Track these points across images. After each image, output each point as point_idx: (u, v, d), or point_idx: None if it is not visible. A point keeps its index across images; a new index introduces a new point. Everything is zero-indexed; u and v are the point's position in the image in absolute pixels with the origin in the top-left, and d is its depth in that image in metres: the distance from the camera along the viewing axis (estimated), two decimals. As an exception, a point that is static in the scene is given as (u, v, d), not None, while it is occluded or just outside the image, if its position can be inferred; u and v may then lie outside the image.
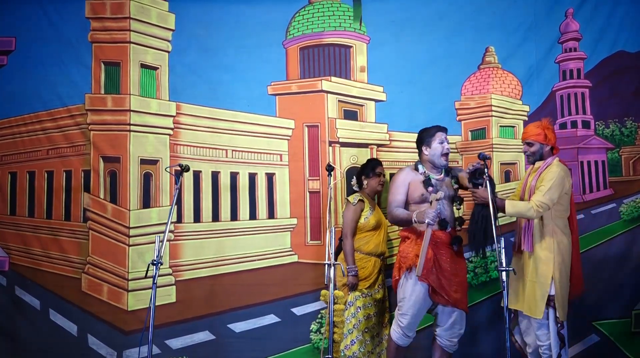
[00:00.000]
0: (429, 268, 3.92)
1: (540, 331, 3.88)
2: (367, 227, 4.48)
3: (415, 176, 4.13)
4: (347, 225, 4.46)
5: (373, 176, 4.57)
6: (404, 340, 4.06)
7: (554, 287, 3.85)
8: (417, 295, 3.97)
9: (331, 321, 3.81)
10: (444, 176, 4.18)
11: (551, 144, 4.05)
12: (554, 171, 3.91)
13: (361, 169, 4.68)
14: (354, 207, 4.47)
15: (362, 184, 4.60)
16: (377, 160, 4.71)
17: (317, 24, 5.19)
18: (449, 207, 4.12)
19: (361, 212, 4.49)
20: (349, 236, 4.45)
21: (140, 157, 4.94)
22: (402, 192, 4.11)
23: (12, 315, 4.86)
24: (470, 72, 5.12)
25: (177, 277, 4.86)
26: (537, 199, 3.83)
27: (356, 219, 4.47)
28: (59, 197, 4.99)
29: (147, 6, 5.08)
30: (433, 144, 4.12)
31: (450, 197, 4.14)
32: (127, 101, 4.96)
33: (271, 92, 5.10)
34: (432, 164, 4.15)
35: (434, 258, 3.96)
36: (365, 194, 4.60)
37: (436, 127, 4.19)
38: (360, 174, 4.64)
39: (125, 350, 4.74)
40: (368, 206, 4.52)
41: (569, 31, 5.04)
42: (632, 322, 4.73)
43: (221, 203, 5.00)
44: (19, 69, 5.08)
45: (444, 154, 4.11)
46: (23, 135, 5.05)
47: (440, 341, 4.07)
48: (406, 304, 4.00)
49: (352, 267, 4.38)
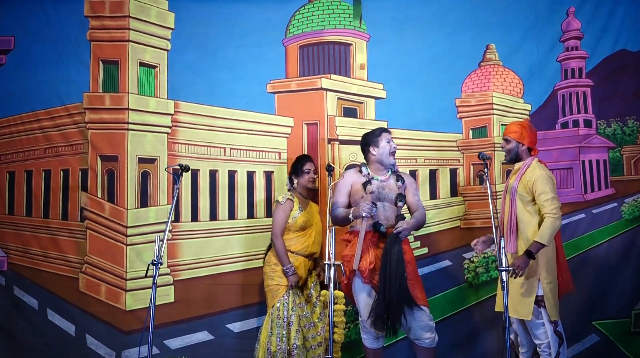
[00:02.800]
0: (370, 270, 3.91)
1: (537, 331, 3.87)
2: (294, 227, 4.42)
3: (358, 178, 4.17)
4: (276, 225, 4.39)
5: (302, 174, 4.52)
6: (376, 343, 4.04)
7: (542, 287, 3.85)
8: (365, 297, 3.98)
9: (331, 321, 3.78)
10: (390, 178, 4.17)
11: (527, 144, 4.06)
12: (540, 175, 3.92)
13: (292, 167, 4.63)
14: (283, 206, 4.41)
15: (293, 183, 4.56)
16: (306, 157, 4.65)
17: (317, 22, 5.17)
18: (390, 208, 4.10)
19: (290, 211, 4.42)
20: (279, 235, 4.38)
21: (138, 156, 4.92)
22: (344, 193, 4.15)
23: (10, 315, 4.84)
24: (471, 69, 5.11)
25: (176, 277, 4.84)
26: (550, 209, 3.83)
27: (285, 219, 4.41)
28: (57, 196, 4.97)
29: (146, 5, 5.05)
30: (381, 144, 4.16)
31: (393, 199, 4.11)
32: (125, 99, 4.94)
33: (270, 91, 5.08)
34: (380, 164, 4.17)
35: (374, 259, 3.94)
36: (296, 193, 4.54)
37: (380, 128, 4.27)
38: (291, 173, 4.61)
39: (124, 350, 4.72)
40: (297, 206, 4.45)
41: (570, 30, 5.02)
42: (632, 322, 4.73)
43: (219, 202, 4.98)
44: (18, 68, 5.05)
45: (391, 153, 4.15)
46: (21, 134, 5.03)
47: (415, 341, 4.03)
48: (360, 308, 4.02)
49: (288, 266, 4.32)
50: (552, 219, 3.82)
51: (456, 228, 4.99)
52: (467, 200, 5.03)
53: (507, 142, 4.10)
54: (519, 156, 4.08)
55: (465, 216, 5.01)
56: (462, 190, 5.07)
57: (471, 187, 5.03)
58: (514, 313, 3.90)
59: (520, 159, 4.08)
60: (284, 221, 4.41)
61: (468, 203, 5.02)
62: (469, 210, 5.01)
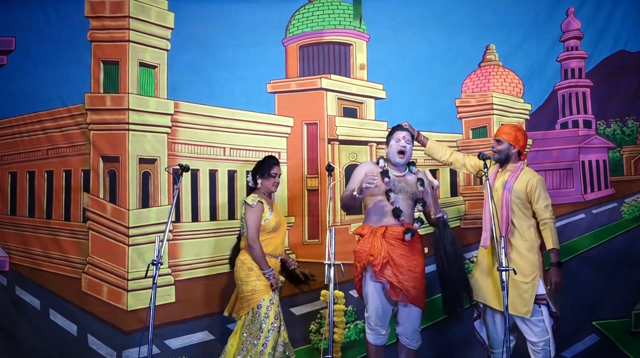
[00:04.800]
0: (383, 264, 3.90)
1: (536, 328, 3.90)
2: (267, 229, 4.34)
3: (374, 168, 4.11)
4: (252, 229, 4.25)
5: (268, 177, 4.40)
6: (380, 339, 4.04)
7: (542, 286, 3.91)
8: (373, 293, 3.97)
9: (331, 321, 3.78)
10: (406, 176, 4.12)
11: (519, 148, 4.06)
12: (540, 180, 4.00)
13: (257, 166, 4.48)
14: (255, 209, 4.28)
15: (256, 183, 4.43)
16: (274, 159, 4.51)
17: (317, 22, 5.17)
18: (406, 201, 4.05)
19: (262, 213, 4.32)
20: (257, 239, 4.27)
21: (139, 156, 4.93)
22: (357, 181, 4.04)
23: (12, 315, 4.87)
24: (471, 70, 5.11)
25: (176, 277, 4.86)
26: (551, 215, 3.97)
27: (259, 221, 4.31)
28: (59, 197, 4.99)
29: (146, 5, 5.05)
30: (391, 142, 4.13)
31: (411, 194, 4.07)
32: (125, 99, 4.95)
33: (270, 90, 5.09)
34: (392, 162, 4.13)
35: (388, 254, 3.92)
36: (261, 193, 4.41)
37: (396, 126, 4.20)
38: (255, 173, 4.46)
39: (125, 350, 4.74)
40: (267, 207, 4.36)
41: (570, 30, 5.01)
42: (632, 321, 4.73)
43: (219, 202, 5.00)
44: (19, 68, 5.07)
45: (398, 152, 4.07)
46: (23, 135, 5.04)
47: (402, 339, 4.05)
48: (368, 304, 4.01)
49: (268, 270, 4.24)
50: (554, 223, 3.96)
51: (456, 228, 4.99)
52: (467, 200, 5.04)
53: (499, 143, 4.09)
54: (508, 158, 4.08)
55: (465, 216, 5.02)
56: (462, 190, 5.08)
57: (471, 187, 5.03)
58: (513, 310, 3.90)
59: (508, 161, 4.09)
60: (258, 224, 4.30)
61: (468, 202, 5.03)
62: (469, 210, 5.01)
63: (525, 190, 3.96)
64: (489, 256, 4.05)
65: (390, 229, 3.98)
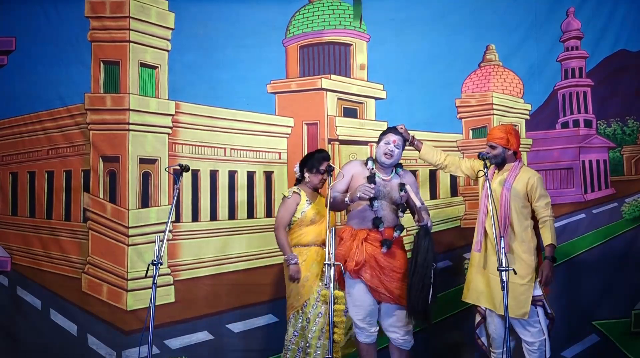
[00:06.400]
0: (361, 265, 3.89)
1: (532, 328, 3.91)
2: (305, 221, 4.25)
3: (361, 170, 4.08)
4: (279, 217, 4.22)
5: (316, 172, 4.28)
6: (370, 337, 4.01)
7: (538, 287, 3.91)
8: (358, 292, 3.94)
9: (331, 321, 3.77)
10: (392, 179, 4.10)
11: (513, 149, 4.04)
12: (539, 179, 4.02)
13: (307, 159, 4.38)
14: (288, 200, 4.23)
15: (303, 175, 4.32)
16: (325, 153, 4.40)
17: (317, 23, 5.18)
18: (389, 206, 4.04)
19: (297, 206, 4.24)
20: (280, 227, 4.20)
21: (139, 156, 4.94)
22: (345, 181, 4.03)
23: (13, 315, 4.88)
24: (470, 70, 5.11)
25: (176, 277, 4.87)
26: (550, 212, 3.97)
27: (291, 213, 4.24)
28: (59, 197, 4.99)
29: (146, 5, 5.06)
30: (381, 143, 4.09)
31: (392, 200, 4.05)
32: (126, 100, 4.96)
33: (270, 91, 5.10)
34: (379, 164, 4.11)
35: (371, 255, 3.91)
36: (305, 186, 4.32)
37: (391, 128, 4.15)
38: (303, 166, 4.36)
39: (125, 350, 4.75)
40: (305, 199, 4.26)
41: (570, 30, 5.01)
42: (632, 321, 4.73)
43: (219, 202, 5.00)
44: (19, 69, 5.07)
45: (384, 154, 4.03)
46: (23, 135, 5.05)
47: (393, 340, 4.03)
48: (350, 304, 3.98)
49: (291, 255, 4.14)
50: (553, 221, 3.96)
51: (456, 228, 5.01)
52: (467, 200, 5.04)
53: (493, 148, 4.05)
54: (504, 160, 4.06)
55: (465, 216, 5.01)
56: (462, 190, 5.07)
57: (471, 187, 5.03)
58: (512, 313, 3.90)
59: (505, 162, 4.07)
60: (288, 214, 4.24)
61: (468, 202, 5.03)
62: (469, 210, 5.01)
63: (525, 189, 3.96)
64: (480, 258, 4.05)
65: (372, 233, 3.98)
